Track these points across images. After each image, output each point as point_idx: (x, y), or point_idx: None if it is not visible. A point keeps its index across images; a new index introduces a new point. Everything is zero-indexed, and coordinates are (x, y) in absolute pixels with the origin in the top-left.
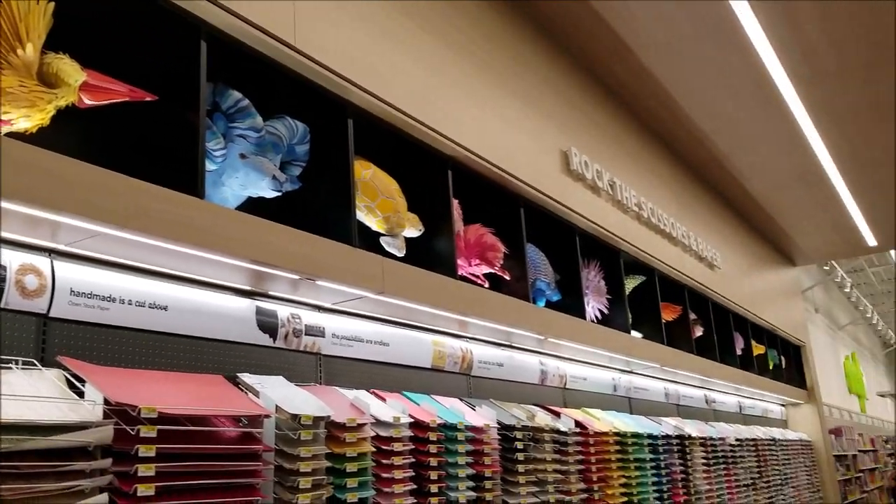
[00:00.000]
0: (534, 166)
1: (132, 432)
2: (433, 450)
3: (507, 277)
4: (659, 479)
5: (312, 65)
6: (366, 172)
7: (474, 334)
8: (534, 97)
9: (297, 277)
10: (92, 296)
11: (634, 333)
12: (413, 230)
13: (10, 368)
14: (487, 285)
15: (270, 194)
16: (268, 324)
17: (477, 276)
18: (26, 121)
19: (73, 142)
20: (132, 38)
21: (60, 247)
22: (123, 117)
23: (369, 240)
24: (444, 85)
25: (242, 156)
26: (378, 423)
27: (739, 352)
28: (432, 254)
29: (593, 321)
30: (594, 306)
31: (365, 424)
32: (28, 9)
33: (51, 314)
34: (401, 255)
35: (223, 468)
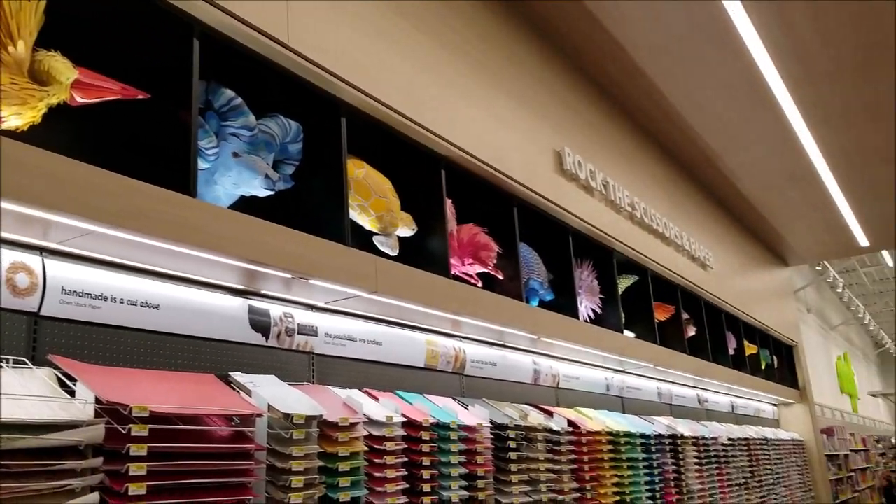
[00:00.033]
0: (527, 166)
1: (123, 431)
2: (426, 449)
3: (501, 277)
4: (651, 478)
5: (305, 63)
6: (359, 171)
7: (467, 334)
8: (527, 97)
9: (290, 276)
10: (83, 294)
11: (627, 333)
12: (406, 229)
13: (1, 367)
14: (481, 285)
15: (263, 193)
16: (260, 323)
17: (470, 276)
18: (17, 118)
19: (64, 140)
20: (124, 35)
21: (52, 245)
22: (115, 115)
23: (362, 239)
24: (438, 84)
25: (235, 154)
26: (371, 422)
27: (732, 351)
28: (425, 253)
29: (586, 321)
30: (587, 306)
31: (357, 424)
32: (19, 6)
33: (42, 313)
34: (394, 254)
35: (215, 467)
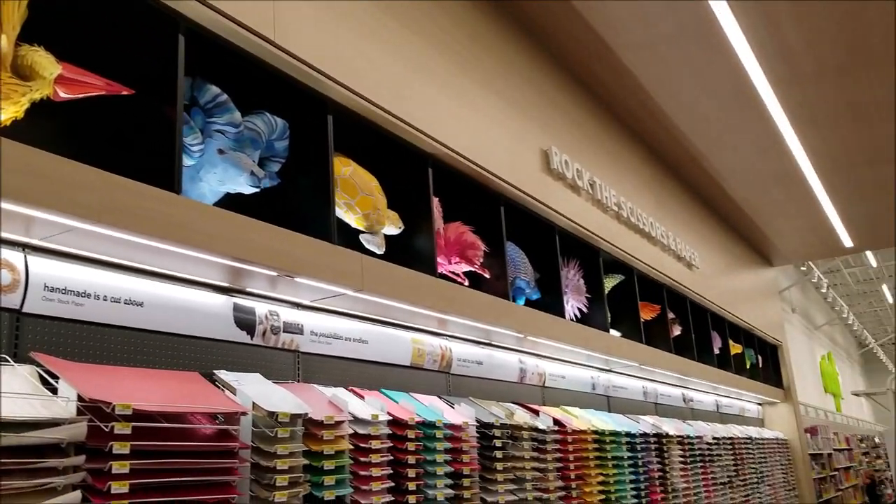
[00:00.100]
0: (514, 165)
1: (106, 429)
2: (411, 448)
3: (487, 275)
4: (636, 477)
5: (292, 60)
6: (345, 169)
7: (454, 332)
8: (515, 96)
9: (276, 274)
10: (66, 291)
11: (613, 332)
12: (393, 228)
13: None
14: (467, 283)
15: (249, 190)
16: (245, 321)
17: (457, 275)
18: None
19: (47, 135)
20: (109, 31)
21: (34, 241)
22: (99, 111)
23: (349, 237)
24: (426, 83)
25: (220, 151)
26: (356, 420)
27: (717, 351)
28: (412, 251)
29: (572, 320)
30: (573, 305)
31: (343, 422)
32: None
33: (24, 309)
34: (380, 252)
35: (199, 465)
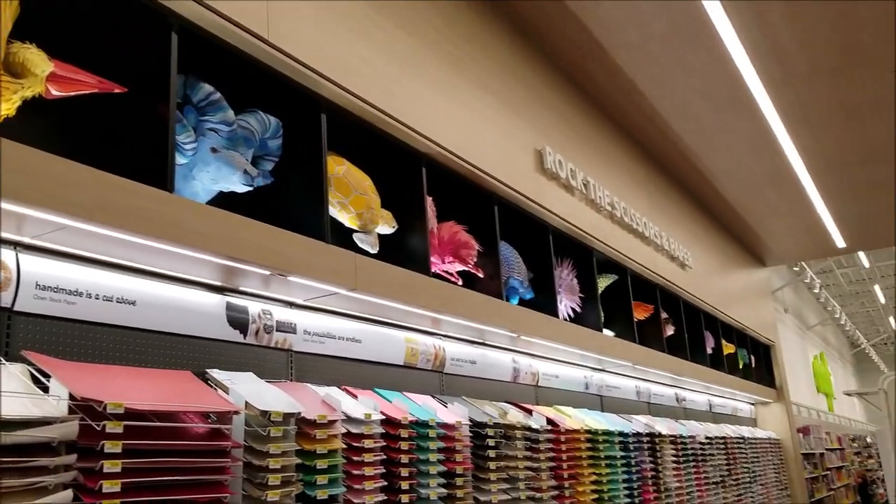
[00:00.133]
0: (508, 165)
1: (98, 428)
2: (404, 447)
3: (481, 275)
4: (629, 476)
5: (286, 59)
6: (339, 168)
7: (447, 331)
8: (509, 96)
9: (269, 273)
10: (58, 290)
11: (606, 332)
12: (386, 227)
13: None
14: (461, 283)
15: (242, 189)
16: (238, 320)
17: (450, 274)
18: None
19: (39, 133)
20: (102, 28)
21: (26, 240)
22: (92, 109)
23: (342, 236)
24: (420, 82)
25: (213, 150)
26: (349, 419)
27: (710, 351)
28: (406, 251)
29: (566, 319)
30: (567, 304)
31: (336, 421)
32: None
33: (16, 308)
34: (374, 251)
35: (191, 464)
